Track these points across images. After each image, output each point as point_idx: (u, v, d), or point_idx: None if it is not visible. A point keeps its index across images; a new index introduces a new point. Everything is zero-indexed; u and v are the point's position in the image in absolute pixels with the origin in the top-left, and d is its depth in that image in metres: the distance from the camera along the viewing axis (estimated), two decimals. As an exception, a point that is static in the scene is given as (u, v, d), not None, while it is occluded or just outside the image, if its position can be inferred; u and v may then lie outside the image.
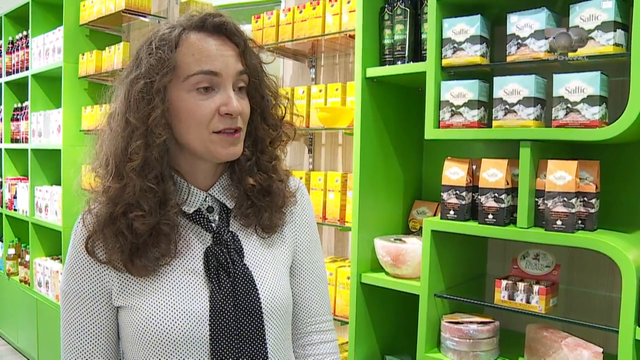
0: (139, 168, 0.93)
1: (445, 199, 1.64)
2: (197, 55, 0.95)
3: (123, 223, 0.94)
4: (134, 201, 0.93)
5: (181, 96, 0.95)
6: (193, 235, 1.02)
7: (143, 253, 0.95)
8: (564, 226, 1.41)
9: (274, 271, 1.05)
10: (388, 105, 1.94)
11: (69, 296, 1.00)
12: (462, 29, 1.59)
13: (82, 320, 1.00)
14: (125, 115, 0.94)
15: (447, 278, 1.74)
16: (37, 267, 3.88)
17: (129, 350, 1.00)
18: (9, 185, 4.28)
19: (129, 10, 3.10)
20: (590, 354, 1.42)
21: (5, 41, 4.28)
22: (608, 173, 1.59)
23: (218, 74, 0.95)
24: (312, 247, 1.15)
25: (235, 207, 1.05)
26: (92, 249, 0.97)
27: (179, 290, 0.97)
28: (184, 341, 0.95)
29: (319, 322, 1.15)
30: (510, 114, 1.49)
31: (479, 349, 1.59)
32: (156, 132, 0.93)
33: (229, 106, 0.95)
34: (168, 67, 0.93)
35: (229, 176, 1.06)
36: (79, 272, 0.99)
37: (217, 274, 0.98)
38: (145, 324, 0.95)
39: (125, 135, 0.94)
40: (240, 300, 0.98)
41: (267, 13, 2.42)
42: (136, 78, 0.94)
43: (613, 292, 1.68)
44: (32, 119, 3.87)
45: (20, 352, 4.19)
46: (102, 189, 0.97)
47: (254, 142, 1.05)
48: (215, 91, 0.96)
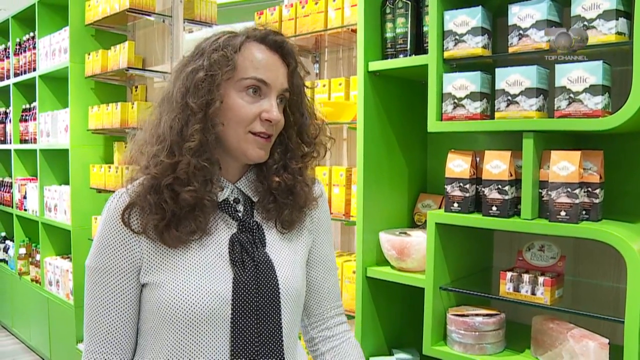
0: (196, 148, 1.01)
1: (449, 192, 1.64)
2: (255, 63, 1.05)
3: (167, 194, 1.01)
4: (184, 177, 1.01)
5: (231, 94, 1.04)
6: (220, 221, 1.09)
7: (179, 224, 1.01)
8: (568, 217, 1.40)
9: (291, 261, 1.13)
10: (391, 98, 1.94)
11: (98, 272, 1.05)
12: (464, 20, 1.59)
13: (109, 297, 1.05)
14: (184, 98, 1.02)
15: (453, 271, 1.74)
16: (48, 266, 3.92)
17: (152, 328, 1.05)
18: (19, 185, 4.32)
19: (133, 9, 3.11)
20: (597, 345, 1.41)
21: (13, 43, 4.32)
22: (613, 163, 1.58)
23: (268, 84, 1.05)
24: (328, 242, 1.26)
25: (259, 201, 1.13)
26: (128, 219, 1.02)
27: (205, 271, 1.04)
28: (207, 320, 1.02)
29: (336, 307, 1.28)
30: (513, 105, 1.48)
31: (484, 341, 1.59)
32: (215, 121, 1.03)
33: (271, 114, 1.05)
34: (230, 65, 1.03)
35: (255, 173, 1.14)
36: (110, 246, 1.04)
37: (241, 259, 1.06)
38: (172, 301, 1.01)
39: (184, 117, 1.02)
40: (261, 285, 1.05)
41: (269, 9, 2.42)
42: (198, 68, 1.03)
43: (620, 283, 1.67)
44: (40, 119, 3.90)
45: (32, 350, 4.23)
46: (149, 163, 1.03)
47: (285, 150, 1.13)
48: (261, 98, 1.06)
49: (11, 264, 4.52)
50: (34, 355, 4.17)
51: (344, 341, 1.26)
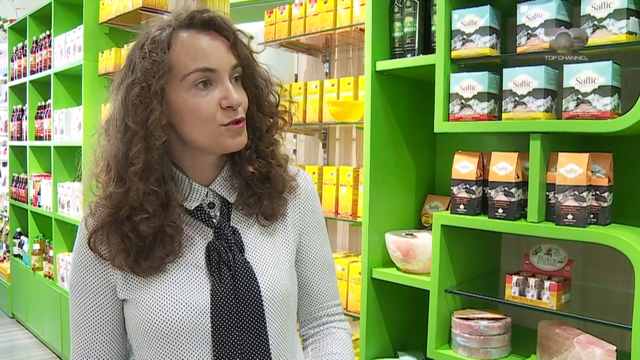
0: (141, 171, 0.94)
1: (455, 193, 1.61)
2: (191, 54, 0.95)
3: (128, 226, 0.95)
4: (138, 204, 0.94)
5: (181, 95, 0.96)
6: (194, 230, 1.03)
7: (148, 254, 0.96)
8: (575, 220, 1.38)
9: (274, 262, 1.06)
10: (399, 98, 1.92)
11: (75, 290, 1.03)
12: (472, 20, 1.56)
13: (88, 314, 1.02)
14: (124, 120, 0.95)
15: (459, 273, 1.71)
16: (60, 262, 3.95)
17: (135, 343, 1.03)
18: (34, 181, 4.37)
19: (146, 7, 3.12)
20: (603, 351, 1.38)
21: (30, 41, 4.37)
22: (622, 166, 1.54)
23: (214, 70, 0.96)
24: (316, 231, 1.16)
25: (237, 199, 1.06)
26: (95, 245, 0.98)
27: (181, 284, 0.98)
28: (187, 333, 0.97)
29: (328, 307, 1.18)
30: (520, 106, 1.46)
31: (489, 346, 1.57)
32: (155, 134, 0.94)
33: (229, 99, 0.96)
34: (163, 69, 0.94)
35: (230, 167, 1.07)
36: (83, 266, 1.02)
37: (218, 268, 1.00)
38: (148, 317, 0.97)
39: (125, 140, 0.95)
40: (241, 293, 0.99)
41: (279, 8, 2.42)
42: (132, 83, 0.95)
43: (630, 289, 1.63)
44: (55, 116, 3.94)
45: (45, 344, 4.28)
46: (104, 195, 0.98)
47: (252, 130, 1.05)
48: (213, 86, 0.97)
49: (25, 260, 4.58)
50: (46, 350, 4.22)
51: (327, 335, 1.16)
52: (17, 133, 4.71)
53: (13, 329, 4.67)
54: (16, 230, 4.92)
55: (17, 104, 4.80)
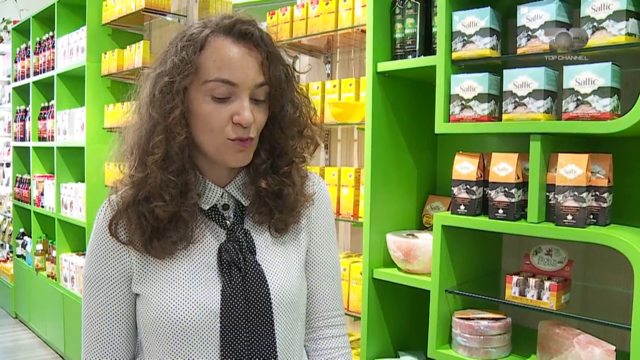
0: (160, 161, 0.96)
1: (455, 194, 1.62)
2: (218, 62, 0.95)
3: (145, 207, 0.97)
4: (156, 191, 0.96)
5: (199, 99, 0.96)
6: (208, 230, 1.04)
7: (162, 236, 0.98)
8: (574, 221, 1.38)
9: (285, 266, 1.06)
10: (400, 99, 1.93)
11: (91, 281, 1.04)
12: (472, 21, 1.57)
13: (103, 306, 1.03)
14: (148, 109, 0.97)
15: (459, 273, 1.72)
16: (63, 263, 3.97)
17: (145, 339, 1.04)
18: (37, 182, 4.39)
19: (149, 9, 3.14)
20: (603, 351, 1.38)
21: (34, 42, 4.39)
22: (622, 167, 1.55)
23: (235, 84, 0.95)
24: (327, 244, 1.15)
25: (250, 205, 1.06)
26: (115, 230, 1.00)
27: (193, 283, 0.99)
28: (196, 333, 0.98)
29: (330, 317, 1.16)
30: (520, 107, 1.46)
31: (490, 346, 1.57)
32: (175, 130, 0.95)
33: (241, 116, 0.95)
34: (190, 69, 0.94)
35: (245, 174, 1.07)
36: (101, 256, 1.02)
37: (229, 270, 1.00)
38: (159, 314, 0.98)
39: (148, 129, 0.97)
40: (250, 295, 1.00)
41: (281, 9, 2.43)
42: (161, 74, 0.96)
43: (630, 289, 1.64)
44: (58, 117, 3.96)
45: (48, 344, 4.30)
46: (128, 175, 1.00)
47: (271, 148, 1.05)
48: (231, 99, 0.96)
49: (29, 260, 4.59)
50: (49, 350, 4.24)
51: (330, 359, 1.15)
52: (21, 134, 4.73)
53: (16, 329, 4.69)
54: (19, 230, 4.94)
55: (21, 105, 4.82)
